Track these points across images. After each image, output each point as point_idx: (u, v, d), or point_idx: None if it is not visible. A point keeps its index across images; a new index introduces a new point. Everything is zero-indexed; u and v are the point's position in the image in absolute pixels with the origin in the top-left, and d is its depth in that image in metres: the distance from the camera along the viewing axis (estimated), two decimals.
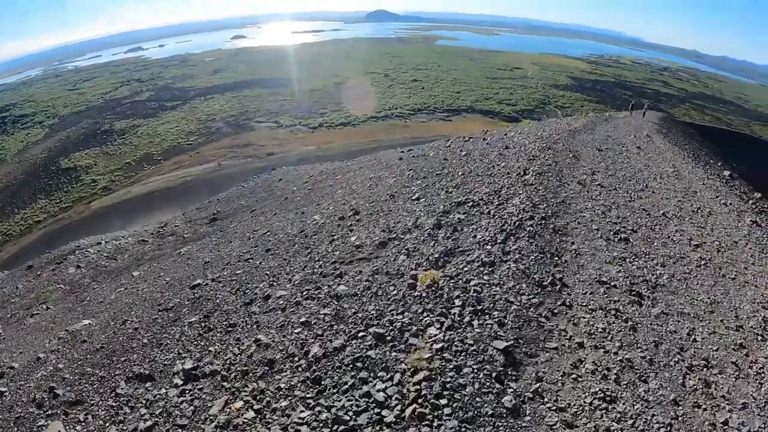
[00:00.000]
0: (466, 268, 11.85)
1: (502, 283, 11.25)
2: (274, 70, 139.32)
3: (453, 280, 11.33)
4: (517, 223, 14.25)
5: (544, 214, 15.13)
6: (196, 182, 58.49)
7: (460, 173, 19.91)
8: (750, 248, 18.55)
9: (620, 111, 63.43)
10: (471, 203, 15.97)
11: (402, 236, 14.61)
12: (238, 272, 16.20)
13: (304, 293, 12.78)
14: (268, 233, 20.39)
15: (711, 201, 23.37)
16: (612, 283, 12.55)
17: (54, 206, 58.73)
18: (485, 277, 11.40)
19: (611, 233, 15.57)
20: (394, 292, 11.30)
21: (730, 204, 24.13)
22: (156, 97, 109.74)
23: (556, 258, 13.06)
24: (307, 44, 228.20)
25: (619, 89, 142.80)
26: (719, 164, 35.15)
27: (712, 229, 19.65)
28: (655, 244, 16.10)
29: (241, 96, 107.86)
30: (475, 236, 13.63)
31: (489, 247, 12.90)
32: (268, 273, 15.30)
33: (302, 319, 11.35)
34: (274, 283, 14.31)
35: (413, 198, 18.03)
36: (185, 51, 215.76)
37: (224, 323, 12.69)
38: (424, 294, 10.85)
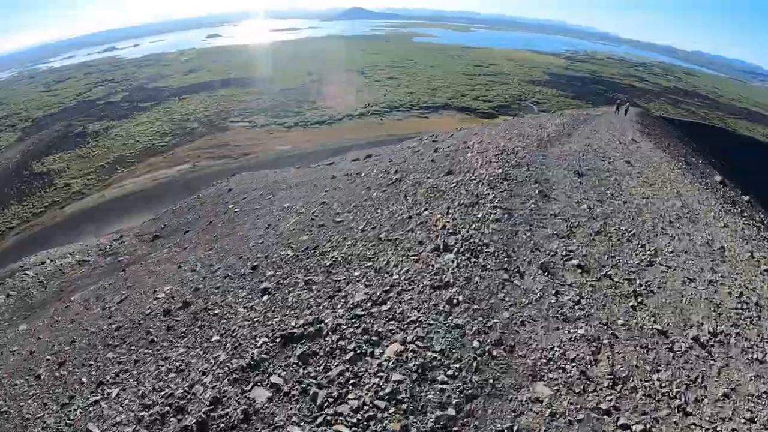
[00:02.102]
0: None
1: None
2: (249, 68, 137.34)
3: None
4: None
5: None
6: (170, 184, 57.72)
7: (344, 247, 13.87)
8: None
9: (597, 107, 64.01)
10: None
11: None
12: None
13: None
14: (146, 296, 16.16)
15: (750, 269, 14.42)
16: None
17: (27, 212, 56.26)
18: None
19: None
20: None
21: None
22: (130, 98, 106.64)
23: None
24: (282, 42, 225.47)
25: (595, 84, 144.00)
26: (707, 169, 33.18)
27: None
28: None
29: (217, 95, 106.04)
30: None
31: None
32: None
33: None
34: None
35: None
36: (160, 50, 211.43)
37: None
38: None
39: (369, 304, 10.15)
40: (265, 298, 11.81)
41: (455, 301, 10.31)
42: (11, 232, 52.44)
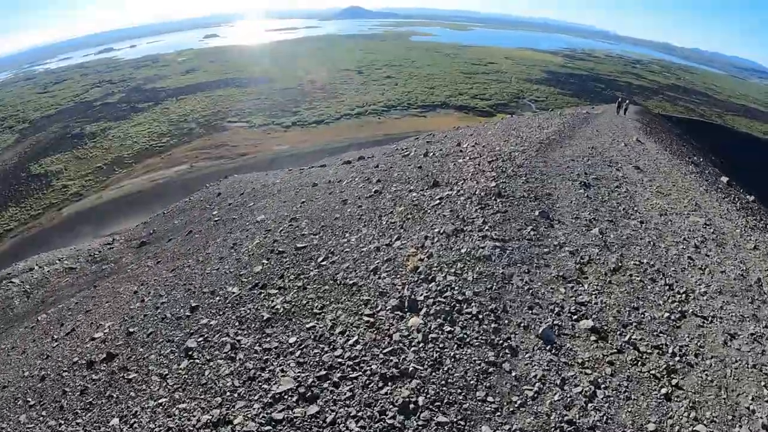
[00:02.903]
0: None
1: None
2: (246, 68, 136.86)
3: None
4: None
5: None
6: (167, 185, 57.30)
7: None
8: None
9: (597, 105, 63.61)
10: None
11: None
12: None
13: None
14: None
15: None
16: None
17: (24, 214, 55.69)
18: None
19: None
20: None
21: None
22: (127, 99, 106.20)
23: None
24: (280, 42, 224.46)
25: (593, 82, 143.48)
26: (709, 168, 31.26)
27: None
28: None
29: (214, 96, 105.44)
30: None
31: None
32: None
33: None
34: None
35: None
36: (157, 51, 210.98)
37: None
38: None
39: (294, 399, 7.55)
40: (185, 364, 9.38)
41: (412, 406, 7.31)
42: (9, 235, 52.13)
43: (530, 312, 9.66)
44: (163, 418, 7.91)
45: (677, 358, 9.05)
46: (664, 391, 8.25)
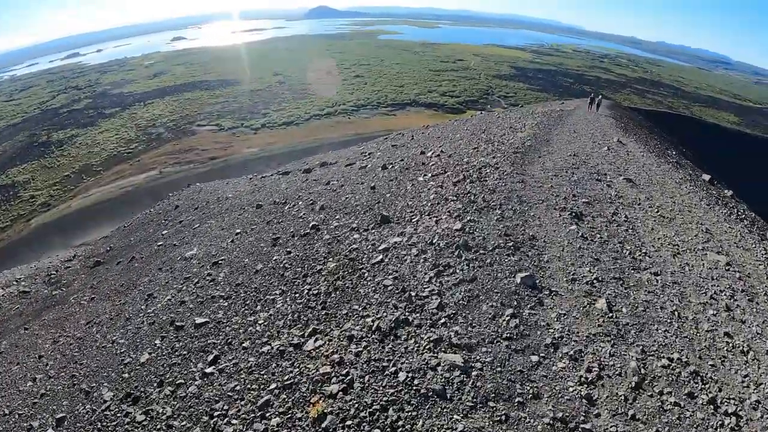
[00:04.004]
0: None
1: None
2: (214, 71, 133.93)
3: None
4: None
5: None
6: (137, 192, 55.97)
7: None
8: None
9: (566, 100, 63.94)
10: None
11: None
12: None
13: None
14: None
15: None
16: None
17: None
18: None
19: None
20: None
21: None
22: (94, 105, 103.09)
23: None
24: (247, 43, 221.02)
25: (561, 77, 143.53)
26: (681, 159, 30.10)
27: None
28: None
29: (182, 99, 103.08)
30: None
31: None
32: None
33: None
34: None
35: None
36: (124, 55, 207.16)
37: None
38: None
39: None
40: None
41: None
42: None
43: None
44: None
45: None
46: None
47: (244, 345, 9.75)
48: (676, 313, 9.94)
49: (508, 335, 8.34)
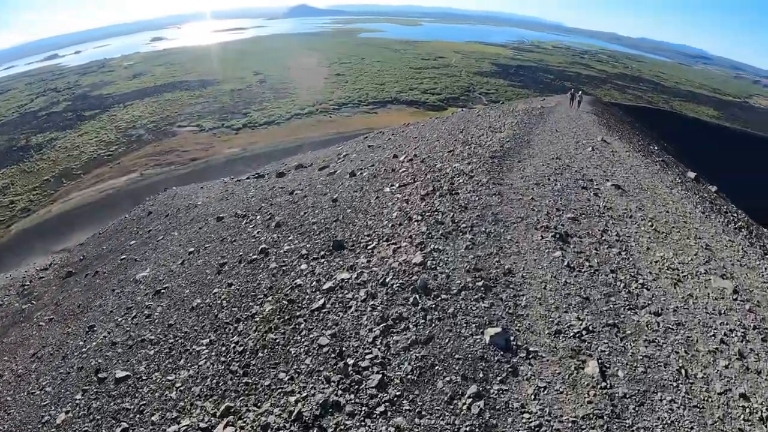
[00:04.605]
0: None
1: None
2: (194, 71, 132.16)
3: None
4: None
5: None
6: (118, 195, 55.13)
7: None
8: None
9: (546, 96, 64.36)
10: None
11: None
12: None
13: None
14: None
15: None
16: None
17: None
18: None
19: None
20: None
21: None
22: (73, 107, 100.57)
23: None
24: (227, 43, 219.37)
25: (542, 73, 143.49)
26: (664, 155, 29.32)
27: None
28: None
29: (162, 100, 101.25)
30: None
31: None
32: None
33: None
34: None
35: None
36: (103, 56, 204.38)
37: None
38: None
39: None
40: None
41: None
42: None
43: None
44: None
45: None
46: None
47: (153, 418, 8.27)
48: (682, 371, 7.99)
49: (469, 428, 6.34)
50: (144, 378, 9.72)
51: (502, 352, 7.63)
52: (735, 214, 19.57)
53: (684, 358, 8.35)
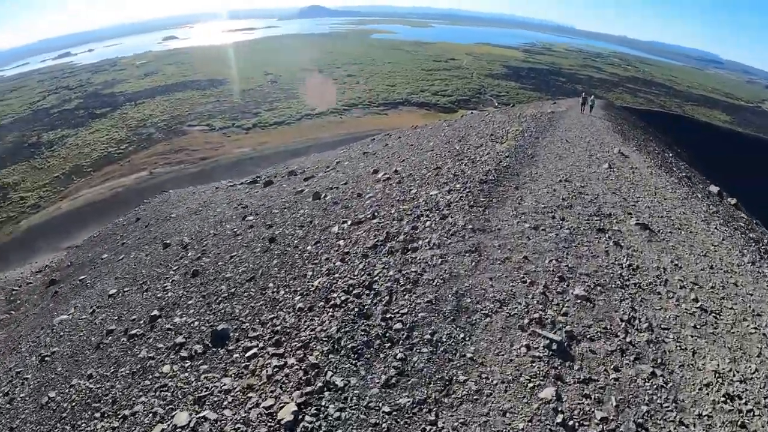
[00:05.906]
0: None
1: None
2: (206, 70, 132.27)
3: None
4: None
5: None
6: (127, 193, 55.23)
7: None
8: None
9: (558, 99, 63.53)
10: None
11: None
12: None
13: None
14: None
15: None
16: None
17: None
18: None
19: None
20: None
21: None
22: (85, 105, 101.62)
23: None
24: (239, 43, 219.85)
25: (554, 76, 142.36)
26: (684, 167, 26.73)
27: None
28: None
29: (173, 99, 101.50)
30: None
31: None
32: None
33: None
34: None
35: None
36: (115, 55, 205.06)
37: None
38: None
39: None
40: None
41: None
42: None
43: None
44: None
45: None
46: None
47: None
48: None
49: None
50: None
51: None
52: None
53: None
